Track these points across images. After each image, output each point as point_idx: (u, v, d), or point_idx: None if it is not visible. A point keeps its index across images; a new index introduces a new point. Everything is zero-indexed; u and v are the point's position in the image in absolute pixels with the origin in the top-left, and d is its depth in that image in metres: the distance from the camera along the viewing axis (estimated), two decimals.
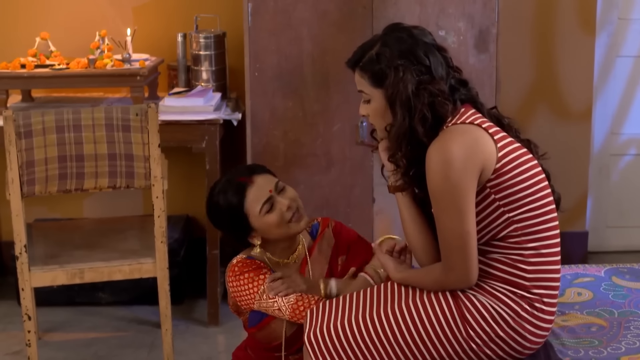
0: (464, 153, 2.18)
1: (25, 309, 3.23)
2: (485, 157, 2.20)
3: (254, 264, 2.58)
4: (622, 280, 2.81)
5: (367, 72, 2.31)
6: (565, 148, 4.36)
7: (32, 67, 3.80)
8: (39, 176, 3.12)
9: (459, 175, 2.17)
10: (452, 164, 2.17)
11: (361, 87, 2.35)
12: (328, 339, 2.32)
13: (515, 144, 2.28)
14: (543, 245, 2.26)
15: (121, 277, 3.29)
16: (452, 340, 2.24)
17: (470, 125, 2.23)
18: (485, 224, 2.25)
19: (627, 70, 4.42)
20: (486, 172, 2.20)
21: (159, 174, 3.22)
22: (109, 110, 3.15)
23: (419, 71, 2.26)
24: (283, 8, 3.62)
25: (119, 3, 4.17)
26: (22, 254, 3.17)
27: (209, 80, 3.97)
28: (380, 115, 2.32)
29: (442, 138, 2.22)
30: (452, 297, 2.26)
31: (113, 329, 3.86)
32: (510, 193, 2.21)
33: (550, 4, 4.24)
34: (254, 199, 2.54)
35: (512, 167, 2.22)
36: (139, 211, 4.27)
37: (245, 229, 2.58)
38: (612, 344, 2.37)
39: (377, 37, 2.35)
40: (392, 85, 2.26)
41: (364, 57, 2.33)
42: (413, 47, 2.28)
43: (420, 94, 2.24)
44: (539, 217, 2.25)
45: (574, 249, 4.41)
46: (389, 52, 2.27)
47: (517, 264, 2.24)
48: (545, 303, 2.26)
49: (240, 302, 2.59)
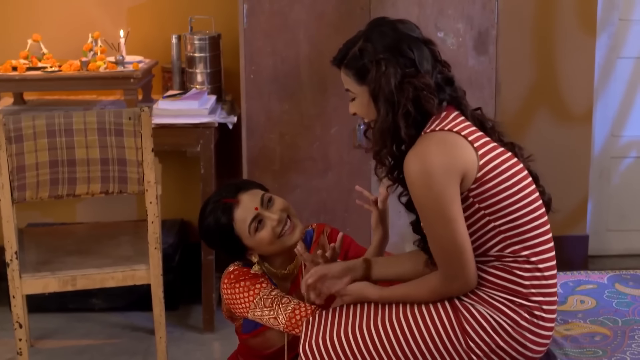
0: (443, 161, 2.13)
1: (17, 317, 3.18)
2: (466, 165, 2.15)
3: (250, 273, 2.53)
4: (626, 287, 2.76)
5: (351, 69, 2.27)
6: (566, 150, 4.33)
7: (23, 70, 3.75)
8: (30, 181, 3.07)
9: (440, 183, 2.12)
10: (432, 173, 2.12)
11: (347, 85, 2.31)
12: (324, 351, 2.27)
13: (498, 149, 2.22)
14: (536, 252, 2.20)
15: (114, 284, 3.25)
16: (452, 352, 2.19)
17: (449, 132, 2.18)
18: (475, 236, 2.20)
19: (628, 72, 4.39)
20: (467, 181, 2.15)
21: (153, 179, 3.16)
22: (101, 114, 3.10)
23: (404, 65, 2.21)
24: (279, 9, 3.58)
25: (112, 4, 4.13)
26: (13, 260, 3.12)
27: (203, 83, 3.92)
28: (368, 111, 2.29)
29: (420, 146, 2.18)
30: (451, 308, 2.21)
31: (106, 336, 3.81)
32: (495, 202, 2.16)
33: (550, 5, 4.21)
34: (242, 219, 2.48)
35: (495, 174, 2.17)
36: (133, 216, 4.23)
37: (240, 249, 2.53)
38: (616, 354, 2.33)
39: (360, 33, 2.31)
40: (375, 79, 2.22)
41: (348, 54, 2.29)
42: (397, 40, 2.23)
43: (404, 88, 2.20)
44: (528, 224, 2.19)
45: (575, 252, 4.39)
46: (372, 47, 2.23)
47: (514, 270, 2.19)
48: (545, 310, 2.20)
49: (234, 310, 2.54)
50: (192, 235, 4.25)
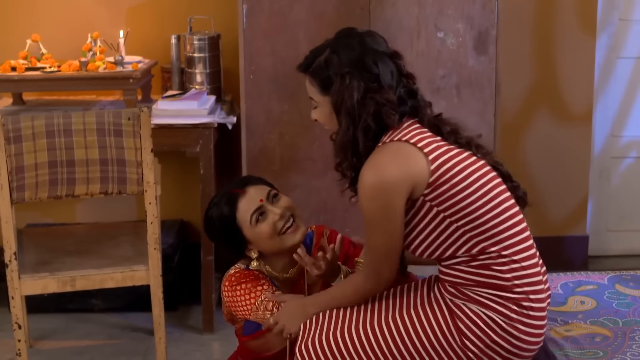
0: (396, 173, 2.19)
1: (16, 318, 3.17)
2: (416, 174, 2.19)
3: (251, 275, 2.52)
4: (626, 288, 2.76)
5: (316, 78, 2.32)
6: (566, 151, 4.33)
7: (22, 70, 3.74)
8: (29, 182, 3.07)
9: (390, 196, 2.18)
10: (383, 185, 2.18)
11: (311, 94, 2.36)
12: (320, 351, 2.28)
13: (453, 152, 2.24)
14: (506, 245, 2.20)
15: (113, 284, 3.24)
16: (448, 350, 2.21)
17: (402, 143, 2.22)
18: (440, 240, 2.23)
19: (628, 72, 4.39)
20: (419, 188, 2.20)
21: (152, 179, 3.16)
22: (101, 114, 3.09)
23: (367, 79, 2.25)
24: (279, 9, 3.57)
25: (111, 4, 4.13)
26: (12, 261, 3.11)
27: (203, 83, 3.92)
28: (330, 120, 2.33)
29: (374, 158, 2.23)
30: (446, 308, 2.23)
31: (106, 337, 3.80)
32: (452, 203, 2.19)
33: (550, 5, 4.20)
34: (245, 209, 2.50)
35: (448, 176, 2.19)
36: (132, 216, 4.22)
37: (240, 241, 2.53)
38: (617, 355, 2.33)
39: (327, 42, 2.36)
40: (338, 92, 2.26)
41: (314, 62, 2.33)
42: (362, 54, 2.27)
43: (366, 103, 2.24)
44: (492, 220, 2.19)
45: (575, 253, 4.39)
46: (337, 60, 2.28)
47: (491, 267, 2.20)
48: (533, 300, 2.21)
49: (235, 313, 2.53)
50: (192, 236, 4.24)
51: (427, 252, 2.25)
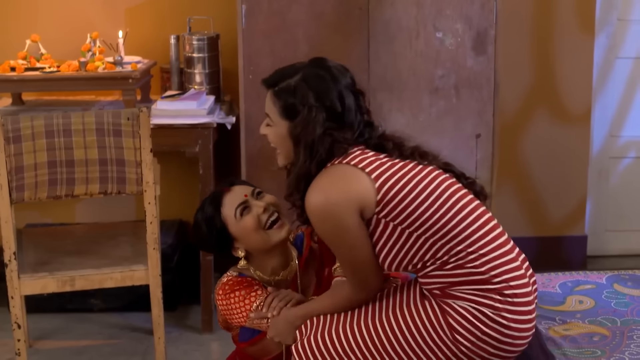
0: (339, 194, 2.22)
1: (15, 318, 3.18)
2: (361, 194, 2.22)
3: (244, 282, 2.51)
4: (624, 287, 2.77)
5: (280, 100, 2.33)
6: (564, 151, 4.34)
7: (22, 70, 3.75)
8: (28, 182, 3.07)
9: (338, 215, 2.21)
10: (330, 206, 2.21)
11: (268, 110, 2.37)
12: (316, 349, 2.30)
13: (396, 166, 2.27)
14: (472, 241, 2.22)
15: (113, 284, 3.24)
16: (441, 345, 2.22)
17: (345, 165, 2.25)
18: (404, 252, 2.24)
19: (627, 72, 4.39)
20: (369, 207, 2.23)
21: (151, 179, 3.16)
22: (100, 114, 3.10)
23: (330, 116, 2.29)
24: (278, 9, 3.58)
25: (110, 5, 4.13)
26: (12, 261, 3.12)
27: (202, 83, 3.92)
28: (281, 142, 2.36)
29: (318, 181, 2.26)
30: (437, 305, 2.25)
31: (105, 337, 3.80)
32: (406, 215, 2.22)
33: (549, 5, 4.21)
34: (230, 204, 2.51)
35: (396, 191, 2.22)
36: (131, 216, 4.23)
37: (225, 239, 2.53)
38: (615, 354, 2.33)
39: (299, 66, 2.37)
40: (302, 124, 2.29)
41: (281, 82, 2.34)
42: (330, 89, 2.30)
43: (324, 139, 2.27)
44: (451, 222, 2.22)
45: (573, 252, 4.39)
46: (306, 89, 2.29)
47: (465, 265, 2.22)
48: (514, 287, 2.22)
49: (231, 320, 2.53)
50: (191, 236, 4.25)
51: (395, 265, 2.27)
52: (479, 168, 3.68)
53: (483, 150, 3.69)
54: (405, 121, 3.64)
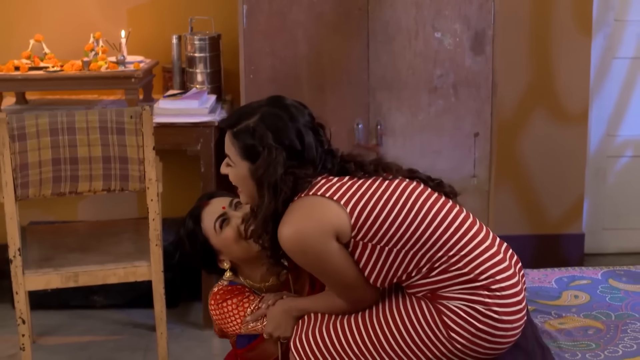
0: (311, 225, 2.22)
1: (20, 313, 3.21)
2: (334, 222, 2.22)
3: (235, 290, 2.54)
4: (619, 282, 2.81)
5: (239, 141, 2.33)
6: (562, 150, 4.37)
7: (26, 70, 3.79)
8: (33, 179, 3.11)
9: (314, 245, 2.22)
10: (303, 238, 2.22)
11: (228, 152, 2.38)
12: (314, 344, 2.33)
13: (363, 188, 2.26)
14: (450, 245, 2.24)
15: (116, 280, 3.28)
16: (436, 343, 2.25)
17: (310, 196, 2.25)
18: (387, 267, 2.26)
19: (624, 72, 4.43)
20: (345, 233, 2.23)
21: (154, 176, 3.20)
22: (103, 112, 3.14)
23: (290, 154, 2.28)
24: (278, 10, 3.61)
25: (113, 5, 4.17)
26: (16, 257, 3.15)
27: (203, 83, 3.96)
28: (242, 182, 2.36)
29: (288, 216, 2.26)
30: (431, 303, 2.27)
31: (108, 333, 3.85)
32: (383, 233, 2.23)
33: (546, 5, 4.24)
34: (209, 218, 2.52)
35: (367, 212, 2.22)
36: (133, 214, 4.26)
37: (209, 253, 2.54)
38: (609, 347, 2.37)
39: (257, 106, 2.37)
40: (263, 166, 2.28)
41: (239, 123, 2.34)
42: (288, 128, 2.30)
43: (287, 179, 2.27)
44: (427, 231, 2.24)
45: (571, 251, 4.42)
46: (264, 130, 2.29)
47: (449, 269, 2.24)
48: (500, 280, 2.25)
49: (226, 329, 2.55)
50: None
51: (381, 281, 2.29)
52: (477, 166, 3.71)
53: (481, 149, 3.73)
54: (405, 120, 3.68)
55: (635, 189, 4.52)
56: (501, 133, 4.00)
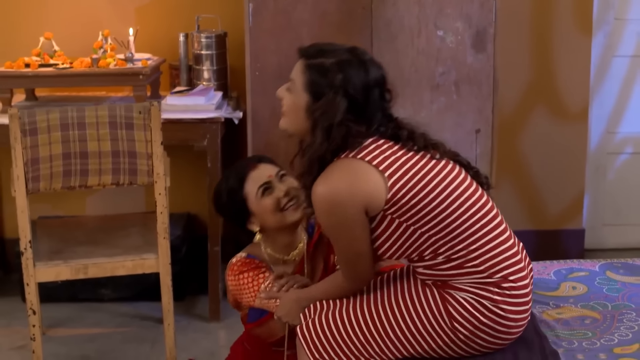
0: (346, 188, 2.24)
1: (30, 304, 3.27)
2: (369, 191, 2.24)
3: (253, 263, 2.62)
4: (617, 274, 2.86)
5: (309, 73, 2.33)
6: (562, 147, 4.41)
7: (36, 67, 3.84)
8: (44, 173, 3.17)
9: (342, 210, 2.24)
10: (334, 200, 2.24)
11: (295, 78, 2.38)
12: (320, 331, 2.38)
13: (410, 162, 2.28)
14: (474, 240, 2.28)
15: (124, 272, 3.34)
16: (439, 331, 2.30)
17: (357, 160, 2.27)
18: (406, 245, 2.30)
19: (624, 70, 4.47)
20: (376, 204, 2.25)
21: (162, 171, 3.27)
22: (113, 108, 3.20)
23: (351, 105, 2.29)
24: (283, 8, 3.66)
25: (121, 3, 4.22)
26: (27, 249, 3.21)
27: (210, 80, 4.02)
28: (293, 111, 2.37)
29: (328, 172, 2.28)
30: (437, 293, 2.32)
31: (116, 325, 3.91)
32: (414, 213, 2.25)
33: (547, 4, 4.29)
34: (253, 182, 2.59)
35: (407, 189, 2.24)
36: (140, 209, 4.32)
37: (243, 212, 2.61)
38: (605, 336, 2.42)
39: (338, 49, 2.36)
40: (323, 108, 2.29)
41: (317, 57, 2.34)
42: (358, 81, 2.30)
43: (340, 128, 2.28)
44: (457, 221, 2.27)
45: (571, 246, 4.48)
46: (336, 74, 2.29)
47: (463, 264, 2.28)
48: (513, 280, 2.29)
49: (240, 299, 2.64)
50: (199, 229, 4.35)
51: (391, 254, 2.33)
52: (478, 163, 3.75)
53: (482, 146, 3.78)
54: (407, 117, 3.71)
55: (635, 186, 4.57)
56: (502, 130, 4.05)
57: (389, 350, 2.33)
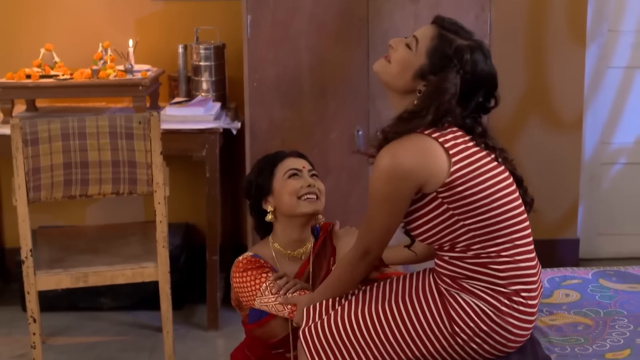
0: (411, 163, 2.26)
1: (31, 312, 3.30)
2: (432, 171, 2.27)
3: (257, 263, 2.68)
4: (609, 282, 2.90)
5: (440, 42, 2.34)
6: (557, 157, 4.45)
7: (37, 78, 3.88)
8: (45, 182, 3.21)
9: (399, 184, 2.27)
10: (396, 171, 2.27)
11: (420, 39, 2.36)
12: (322, 334, 2.41)
13: (477, 155, 2.32)
14: (507, 247, 2.32)
15: (124, 280, 3.37)
16: (438, 335, 2.33)
17: (428, 138, 2.31)
18: (444, 232, 2.33)
19: (617, 81, 4.52)
20: (433, 184, 2.28)
21: (161, 180, 3.31)
22: (113, 118, 3.24)
23: (464, 91, 2.32)
24: (281, 20, 3.70)
25: (121, 15, 4.26)
26: (28, 258, 3.25)
27: (208, 91, 4.06)
28: (402, 67, 2.36)
29: (397, 143, 2.31)
30: (438, 296, 2.36)
31: (115, 333, 3.93)
32: (464, 204, 2.29)
33: (542, 16, 4.34)
34: (287, 164, 2.71)
35: (466, 179, 2.28)
36: (139, 219, 4.36)
37: (265, 187, 2.70)
38: (597, 342, 2.46)
39: (473, 38, 2.40)
40: (441, 80, 2.30)
41: (453, 33, 2.37)
42: (482, 73, 2.35)
43: (445, 105, 2.30)
44: (499, 224, 2.30)
45: (566, 255, 4.51)
46: (467, 57, 2.32)
47: (488, 265, 2.32)
48: (524, 297, 2.33)
49: (241, 298, 2.69)
50: (197, 239, 4.38)
51: (427, 239, 2.37)
52: None
53: None
54: None
55: (629, 195, 4.61)
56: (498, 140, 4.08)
57: (387, 354, 2.36)
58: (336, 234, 2.81)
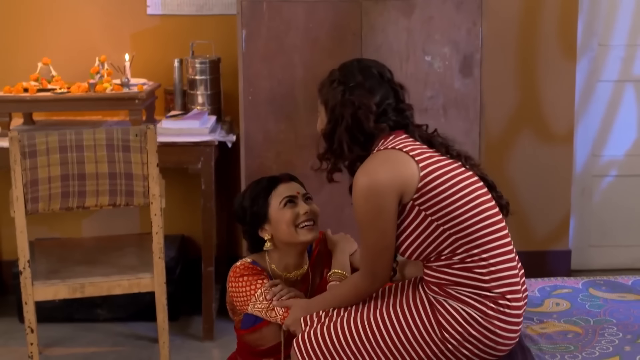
0: (387, 177, 2.38)
1: (28, 322, 3.34)
2: (406, 179, 2.39)
3: (254, 269, 2.72)
4: (599, 291, 2.94)
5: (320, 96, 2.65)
6: (548, 170, 4.49)
7: (34, 91, 3.91)
8: (43, 194, 3.24)
9: (380, 198, 2.38)
10: (374, 188, 2.38)
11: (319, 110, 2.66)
12: (315, 343, 2.47)
13: (443, 162, 2.45)
14: (487, 249, 2.40)
15: (120, 291, 3.41)
16: (429, 341, 2.39)
17: (393, 150, 2.43)
18: (427, 242, 2.41)
19: (608, 94, 4.56)
20: (409, 192, 2.39)
21: (157, 192, 3.34)
22: (110, 131, 3.28)
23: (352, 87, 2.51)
24: (276, 35, 3.74)
25: (117, 30, 4.30)
26: (26, 268, 3.28)
27: (204, 104, 4.10)
28: None
29: (367, 163, 2.45)
30: (428, 303, 2.42)
31: (111, 344, 3.95)
32: (439, 208, 2.38)
33: (532, 31, 4.38)
34: (281, 192, 2.74)
35: (437, 183, 2.39)
36: (135, 230, 4.39)
37: (261, 216, 2.73)
38: (587, 349, 2.50)
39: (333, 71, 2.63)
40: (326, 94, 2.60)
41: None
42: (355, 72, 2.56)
43: (346, 104, 2.50)
44: (476, 225, 2.39)
45: (558, 267, 4.55)
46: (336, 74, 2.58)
47: (473, 269, 2.39)
48: (509, 299, 2.40)
49: (236, 302, 2.73)
50: (193, 251, 4.41)
51: (414, 254, 2.44)
52: None
53: None
54: None
55: (620, 207, 4.66)
56: (489, 153, 4.12)
57: None
58: (330, 240, 2.85)
